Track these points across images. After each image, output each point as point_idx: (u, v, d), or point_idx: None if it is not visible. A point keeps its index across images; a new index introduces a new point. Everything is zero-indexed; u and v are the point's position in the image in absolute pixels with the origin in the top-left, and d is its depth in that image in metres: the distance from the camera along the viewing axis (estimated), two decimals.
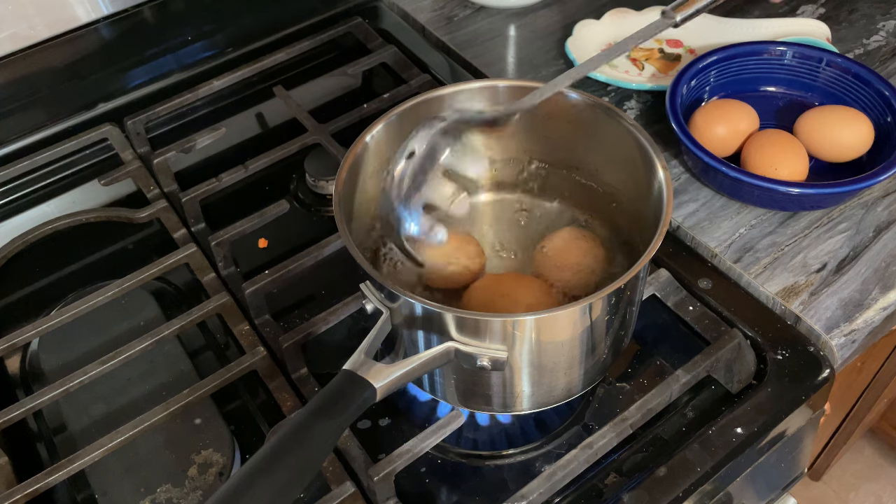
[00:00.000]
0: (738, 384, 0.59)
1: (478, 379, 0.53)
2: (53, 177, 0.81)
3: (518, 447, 0.59)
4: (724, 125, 0.69)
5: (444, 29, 0.89)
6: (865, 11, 0.86)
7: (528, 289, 0.58)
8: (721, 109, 0.71)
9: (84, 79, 0.83)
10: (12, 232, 0.72)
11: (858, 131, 0.68)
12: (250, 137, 0.84)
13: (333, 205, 0.52)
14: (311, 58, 0.89)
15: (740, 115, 0.70)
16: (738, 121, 0.70)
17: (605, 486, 0.55)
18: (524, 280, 0.59)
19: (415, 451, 0.53)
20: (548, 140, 0.63)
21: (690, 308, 0.63)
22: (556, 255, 0.60)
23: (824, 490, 1.45)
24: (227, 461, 0.57)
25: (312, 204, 0.75)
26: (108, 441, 0.56)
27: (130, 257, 0.73)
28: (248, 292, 0.63)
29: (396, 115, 0.59)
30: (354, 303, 0.62)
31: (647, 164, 0.55)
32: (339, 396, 0.46)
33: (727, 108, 0.71)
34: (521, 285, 0.58)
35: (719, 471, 0.55)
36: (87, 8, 0.80)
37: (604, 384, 0.61)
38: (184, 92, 0.83)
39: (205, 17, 0.87)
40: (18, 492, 0.54)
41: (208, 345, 0.67)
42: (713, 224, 0.68)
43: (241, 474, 0.41)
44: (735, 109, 0.70)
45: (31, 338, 0.64)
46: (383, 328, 0.50)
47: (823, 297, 0.62)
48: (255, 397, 0.63)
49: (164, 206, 0.73)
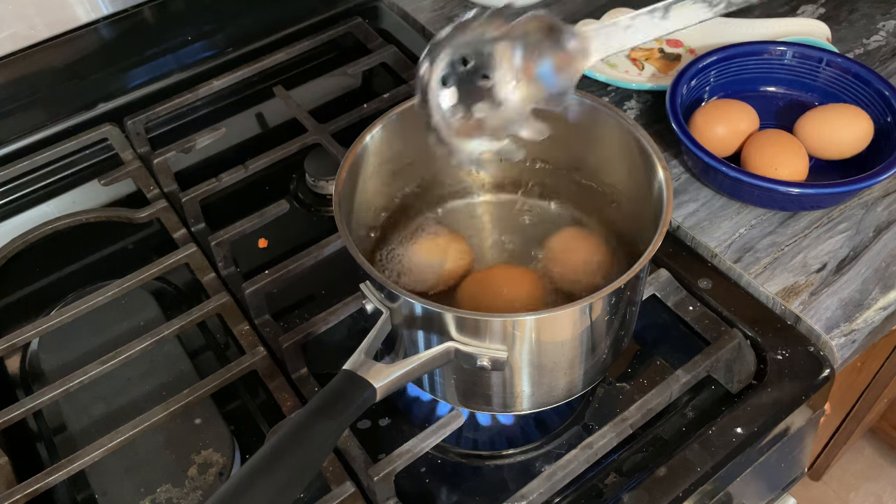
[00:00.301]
0: (738, 384, 0.59)
1: (478, 379, 0.53)
2: (53, 177, 0.81)
3: (518, 447, 0.59)
4: (724, 125, 0.69)
5: None
6: (865, 11, 0.86)
7: (516, 282, 0.58)
8: (721, 109, 0.71)
9: (84, 79, 0.83)
10: (12, 232, 0.72)
11: (858, 128, 0.68)
12: (250, 137, 0.84)
13: (333, 205, 0.52)
14: (311, 58, 0.89)
15: (740, 115, 0.70)
16: (738, 121, 0.70)
17: (605, 486, 0.55)
18: (511, 273, 0.59)
19: (415, 451, 0.53)
20: (548, 140, 0.63)
21: (690, 308, 0.63)
22: (561, 255, 0.60)
23: (824, 490, 1.45)
24: (227, 461, 0.57)
25: (312, 204, 0.75)
26: (108, 441, 0.56)
27: (130, 257, 0.73)
28: (248, 292, 0.63)
29: (396, 115, 0.59)
30: (354, 303, 0.62)
31: (647, 164, 0.55)
32: (339, 396, 0.46)
33: (727, 108, 0.71)
34: (509, 279, 0.59)
35: (719, 471, 0.55)
36: (87, 8, 0.80)
37: (604, 384, 0.61)
38: (184, 92, 0.83)
39: (205, 17, 0.87)
40: (18, 492, 0.54)
41: (208, 345, 0.67)
42: (713, 224, 0.68)
43: (241, 474, 0.41)
44: (735, 109, 0.70)
45: (31, 338, 0.64)
46: (383, 328, 0.50)
47: (823, 297, 0.62)
48: (255, 397, 0.63)
49: (164, 206, 0.73)
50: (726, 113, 0.70)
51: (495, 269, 0.61)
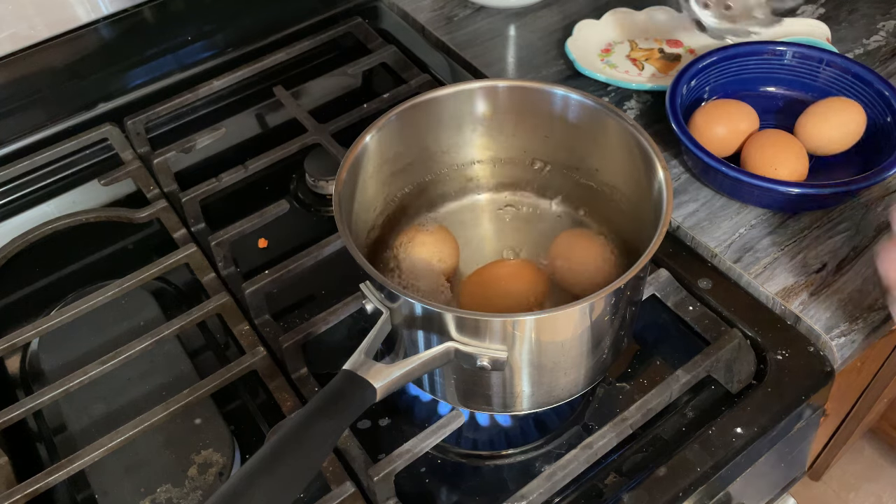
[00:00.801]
0: (738, 384, 0.59)
1: (478, 379, 0.53)
2: (53, 177, 0.81)
3: (518, 447, 0.59)
4: (724, 125, 0.69)
5: (444, 29, 0.89)
6: (865, 11, 0.86)
7: (519, 277, 0.58)
8: (721, 109, 0.71)
9: (84, 79, 0.83)
10: (12, 232, 0.72)
11: (849, 118, 0.68)
12: (250, 137, 0.84)
13: (333, 205, 0.52)
14: (311, 58, 0.89)
15: (740, 115, 0.70)
16: (738, 121, 0.70)
17: (605, 486, 0.55)
18: (513, 267, 0.60)
19: (415, 451, 0.53)
20: (548, 140, 0.63)
21: (690, 308, 0.63)
22: (568, 255, 0.60)
23: (824, 490, 1.45)
24: (227, 461, 0.57)
25: (312, 204, 0.75)
26: (108, 441, 0.56)
27: (130, 257, 0.73)
28: (248, 292, 0.63)
29: (396, 115, 0.59)
30: (354, 303, 0.62)
31: (647, 164, 0.55)
32: (339, 396, 0.46)
33: (727, 108, 0.71)
34: (512, 274, 0.59)
35: (719, 471, 0.55)
36: (87, 8, 0.80)
37: (604, 384, 0.61)
38: (184, 92, 0.83)
39: (205, 17, 0.87)
40: (18, 492, 0.54)
41: (208, 345, 0.67)
42: (713, 224, 0.68)
43: (241, 474, 0.41)
44: (735, 109, 0.70)
45: (31, 338, 0.64)
46: (383, 328, 0.50)
47: (823, 297, 0.62)
48: (255, 397, 0.63)
49: (164, 206, 0.73)
50: (726, 113, 0.70)
51: (494, 266, 0.61)
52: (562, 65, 0.83)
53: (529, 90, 0.61)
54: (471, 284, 0.59)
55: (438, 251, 0.60)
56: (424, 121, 0.61)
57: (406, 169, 0.63)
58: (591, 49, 0.83)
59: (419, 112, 0.60)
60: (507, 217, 0.66)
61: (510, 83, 0.61)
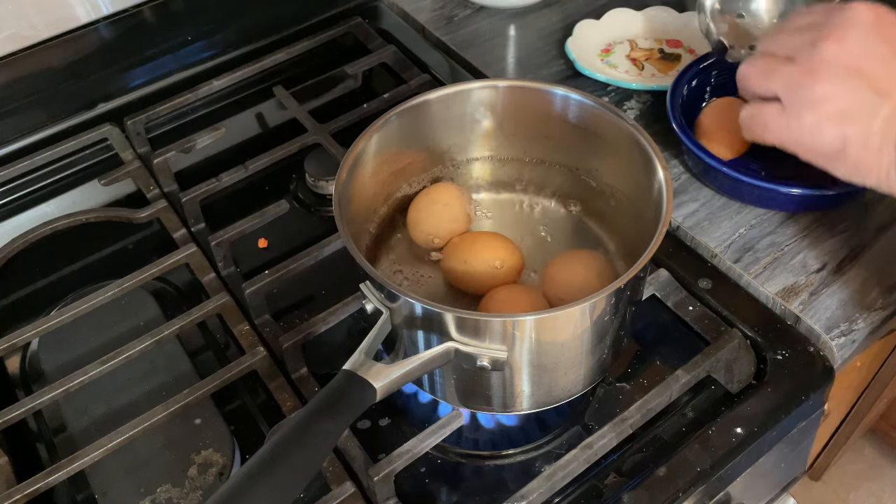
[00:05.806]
0: (738, 384, 0.59)
1: (478, 379, 0.53)
2: (53, 177, 0.81)
3: (518, 447, 0.59)
4: (724, 125, 0.69)
5: (444, 29, 0.89)
6: None
7: (494, 248, 0.59)
8: (722, 110, 0.71)
9: (84, 79, 0.83)
10: (12, 232, 0.72)
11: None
12: (250, 137, 0.84)
13: (333, 205, 0.52)
14: (311, 58, 0.89)
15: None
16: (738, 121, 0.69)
17: (605, 486, 0.55)
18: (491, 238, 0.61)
19: (415, 451, 0.53)
20: (548, 140, 0.63)
21: (690, 308, 0.63)
22: (565, 278, 0.59)
23: (824, 490, 1.45)
24: (227, 461, 0.57)
25: (312, 204, 0.75)
26: (108, 441, 0.56)
27: (130, 257, 0.73)
28: (248, 292, 0.63)
29: (396, 115, 0.59)
30: (354, 303, 0.62)
31: (647, 163, 0.55)
32: (339, 396, 0.46)
33: (728, 109, 0.71)
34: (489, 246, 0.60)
35: (719, 471, 0.55)
36: (87, 8, 0.80)
37: (604, 384, 0.61)
38: (184, 92, 0.83)
39: (205, 17, 0.87)
40: (18, 492, 0.54)
41: (208, 345, 0.67)
42: (713, 224, 0.68)
43: (241, 474, 0.41)
44: (736, 109, 0.70)
45: (31, 338, 0.64)
46: (383, 328, 0.50)
47: (823, 297, 0.62)
48: (255, 397, 0.63)
49: (164, 206, 0.73)
50: (727, 113, 0.70)
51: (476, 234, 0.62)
52: (562, 65, 0.83)
53: (529, 90, 0.61)
54: (451, 246, 0.60)
55: (453, 210, 0.61)
56: (424, 121, 0.61)
57: (406, 169, 0.63)
58: (591, 49, 0.83)
59: (419, 112, 0.60)
60: (506, 217, 0.66)
61: (510, 83, 0.61)
